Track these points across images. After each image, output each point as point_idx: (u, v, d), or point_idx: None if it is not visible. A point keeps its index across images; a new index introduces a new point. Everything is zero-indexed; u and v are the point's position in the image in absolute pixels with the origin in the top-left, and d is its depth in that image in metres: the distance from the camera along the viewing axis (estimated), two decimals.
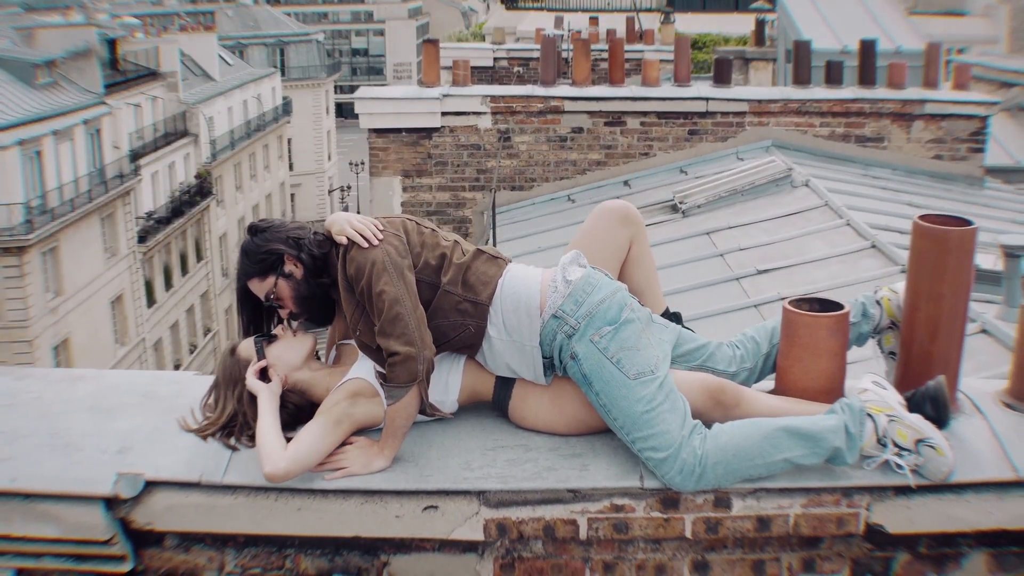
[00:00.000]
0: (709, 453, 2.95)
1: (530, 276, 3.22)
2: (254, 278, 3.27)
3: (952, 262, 3.08)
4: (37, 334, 29.28)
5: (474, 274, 3.21)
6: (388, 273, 3.07)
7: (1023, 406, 3.23)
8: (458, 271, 3.20)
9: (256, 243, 3.25)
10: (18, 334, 28.85)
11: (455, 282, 3.18)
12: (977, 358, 6.16)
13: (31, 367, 4.40)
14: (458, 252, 3.25)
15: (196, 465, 3.08)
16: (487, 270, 3.23)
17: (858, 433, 2.95)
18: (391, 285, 3.05)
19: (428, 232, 3.28)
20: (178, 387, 3.53)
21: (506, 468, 3.08)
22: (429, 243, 3.23)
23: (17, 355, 28.77)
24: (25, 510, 3.02)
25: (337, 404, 3.10)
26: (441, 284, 3.18)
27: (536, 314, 3.13)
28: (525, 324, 3.14)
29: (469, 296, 3.18)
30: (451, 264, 3.21)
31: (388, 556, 3.15)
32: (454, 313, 3.18)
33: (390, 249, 3.12)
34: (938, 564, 3.14)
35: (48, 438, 3.16)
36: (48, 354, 29.96)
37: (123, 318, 35.09)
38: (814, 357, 3.19)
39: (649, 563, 3.14)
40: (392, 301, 3.03)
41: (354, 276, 3.12)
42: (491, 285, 3.19)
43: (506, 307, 3.16)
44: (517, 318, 3.15)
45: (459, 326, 3.19)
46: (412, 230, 3.25)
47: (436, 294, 3.18)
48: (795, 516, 3.06)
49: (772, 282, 8.37)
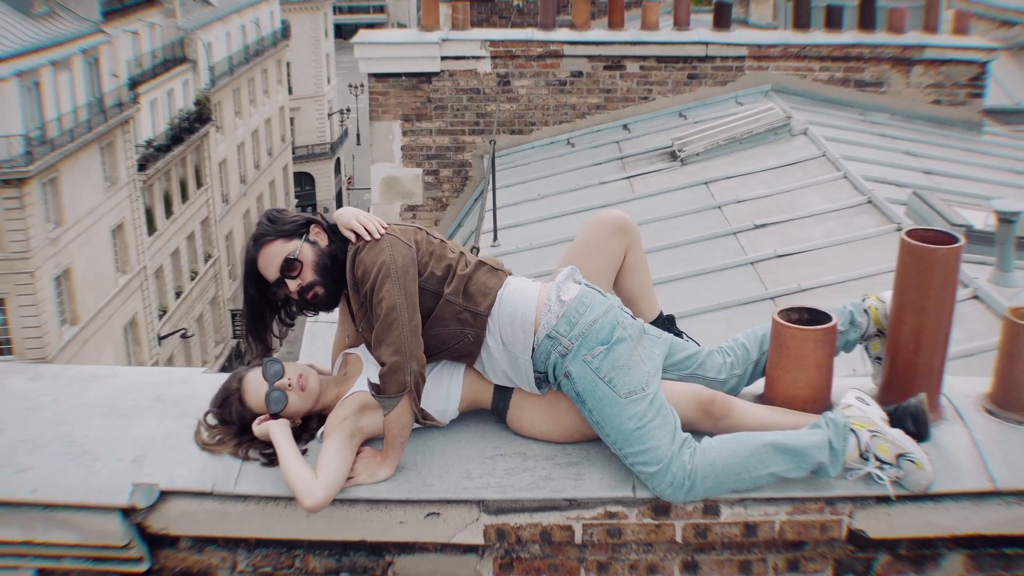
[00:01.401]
0: (698, 467, 3.08)
1: (528, 291, 3.33)
2: (278, 239, 3.32)
3: (937, 279, 3.19)
4: (39, 265, 29.40)
5: (475, 285, 3.32)
6: (392, 280, 3.16)
7: (1003, 413, 3.34)
8: (460, 282, 3.30)
9: (280, 213, 3.37)
10: (20, 265, 28.95)
11: (457, 292, 3.29)
12: (968, 326, 6.28)
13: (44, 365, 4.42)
14: (462, 264, 3.36)
15: (208, 474, 3.22)
16: (488, 281, 3.34)
17: (841, 448, 3.08)
18: (392, 293, 3.15)
19: (437, 243, 3.38)
20: (189, 388, 3.64)
21: (504, 477, 3.22)
22: (437, 253, 3.33)
23: (19, 286, 28.93)
24: (46, 518, 3.16)
25: (346, 419, 3.22)
26: (443, 294, 3.29)
27: (531, 329, 3.24)
28: (520, 338, 3.25)
29: (469, 306, 3.29)
30: (455, 275, 3.31)
31: (393, 556, 3.31)
32: (454, 322, 3.29)
33: (397, 256, 3.21)
34: (917, 564, 3.29)
35: (66, 446, 3.29)
36: (50, 285, 30.10)
37: (124, 247, 35.19)
38: (802, 368, 3.31)
39: (641, 563, 3.30)
40: (390, 308, 3.13)
41: (360, 278, 3.23)
42: (491, 297, 3.30)
43: (503, 319, 3.28)
44: (513, 331, 3.26)
45: (458, 335, 3.30)
46: (423, 240, 3.35)
47: (438, 303, 3.29)
48: (780, 523, 3.21)
49: (769, 238, 8.47)
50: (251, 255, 3.34)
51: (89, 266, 32.38)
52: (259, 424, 3.28)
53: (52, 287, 30.43)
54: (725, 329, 7.21)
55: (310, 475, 3.07)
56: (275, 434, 3.20)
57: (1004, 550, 3.26)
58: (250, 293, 3.38)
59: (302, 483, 3.04)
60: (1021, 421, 3.31)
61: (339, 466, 3.12)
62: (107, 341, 33.75)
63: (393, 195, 12.98)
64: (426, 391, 3.24)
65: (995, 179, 10.03)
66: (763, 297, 7.48)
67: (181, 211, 40.51)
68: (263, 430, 3.25)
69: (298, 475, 3.06)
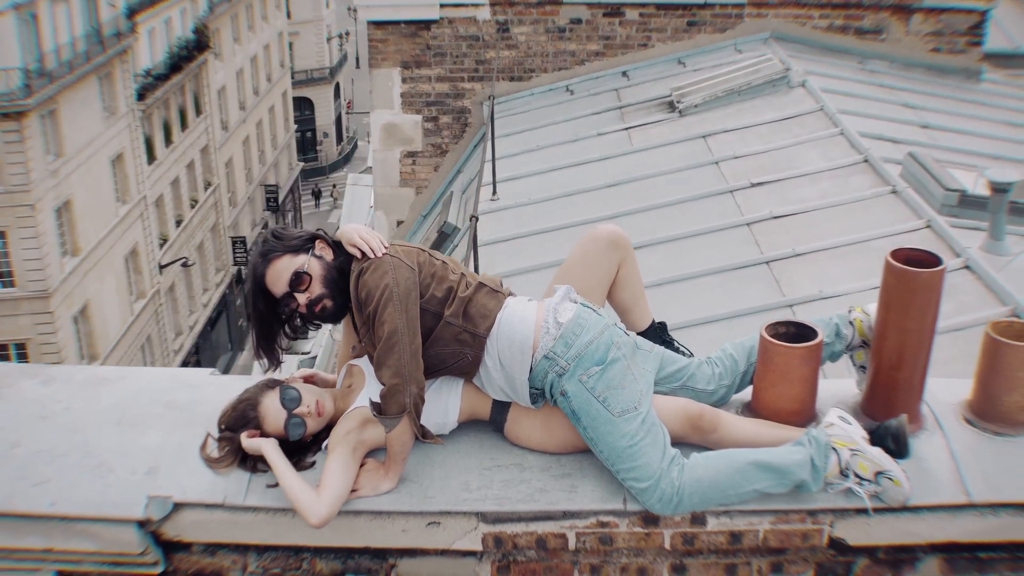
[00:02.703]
0: (686, 484, 3.23)
1: (527, 313, 3.44)
2: (286, 255, 3.42)
3: (919, 300, 3.30)
4: (39, 197, 29.45)
5: (475, 307, 3.43)
6: (394, 304, 3.27)
7: (982, 424, 3.48)
8: (460, 304, 3.41)
9: (285, 232, 3.47)
10: (20, 198, 29.01)
11: (457, 314, 3.41)
12: (959, 297, 6.41)
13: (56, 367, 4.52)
14: (463, 286, 3.47)
15: (219, 486, 3.36)
16: (487, 303, 3.45)
17: (823, 465, 3.23)
18: (394, 317, 3.26)
19: (439, 265, 3.48)
20: (197, 393, 3.77)
21: (502, 490, 3.37)
22: (439, 275, 3.44)
23: (20, 219, 29.03)
24: (65, 528, 3.32)
25: (350, 432, 3.35)
26: (444, 315, 3.40)
27: (529, 352, 3.37)
28: (518, 360, 3.38)
29: (469, 327, 3.41)
30: (456, 297, 3.42)
31: (396, 559, 3.47)
32: (454, 343, 3.42)
33: (400, 279, 3.32)
34: (895, 567, 3.45)
35: (82, 457, 3.43)
36: (50, 217, 30.19)
37: (124, 176, 35.20)
38: (787, 383, 3.44)
39: (632, 566, 3.46)
40: (391, 332, 3.24)
41: (364, 300, 3.34)
42: (490, 319, 3.42)
43: (502, 342, 3.40)
44: (511, 352, 3.39)
45: (458, 354, 3.43)
46: (425, 263, 3.45)
47: (438, 324, 3.40)
48: (764, 531, 3.36)
49: (765, 198, 8.57)
50: (260, 271, 3.44)
51: (89, 197, 32.43)
52: (248, 438, 3.39)
53: (53, 219, 30.51)
54: (720, 295, 7.36)
55: (311, 493, 3.20)
56: (268, 454, 3.32)
57: (978, 555, 3.41)
58: (259, 308, 3.48)
59: (305, 502, 3.18)
60: (998, 432, 3.45)
61: (342, 480, 3.26)
62: (108, 271, 33.93)
63: (393, 142, 13.03)
64: (426, 405, 3.36)
65: (992, 133, 10.09)
66: (758, 261, 7.61)
67: (180, 139, 40.43)
68: (255, 446, 3.37)
69: (299, 495, 3.19)
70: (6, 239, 29.57)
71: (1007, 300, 6.18)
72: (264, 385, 3.50)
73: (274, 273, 3.43)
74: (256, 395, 3.47)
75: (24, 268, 29.79)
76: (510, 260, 8.68)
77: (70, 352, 31.29)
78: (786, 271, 7.33)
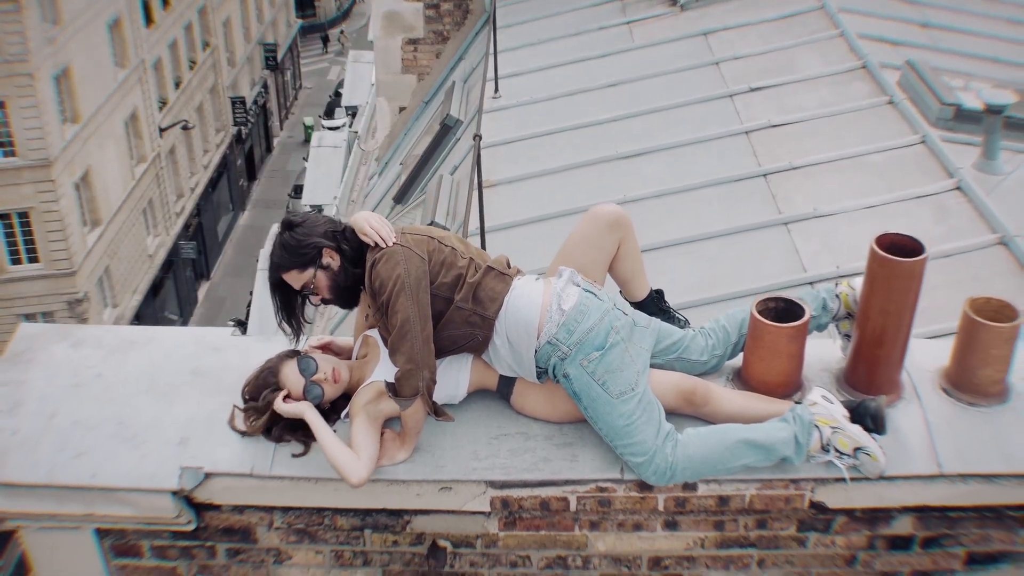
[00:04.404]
0: (679, 460, 3.50)
1: (533, 296, 3.65)
2: (293, 270, 3.67)
3: (900, 285, 3.51)
4: (38, 66, 29.20)
5: (484, 291, 3.65)
6: (406, 293, 3.50)
7: (956, 393, 3.72)
8: (470, 289, 3.63)
9: (295, 237, 3.64)
10: (19, 67, 28.71)
11: (467, 299, 3.62)
12: (949, 222, 6.60)
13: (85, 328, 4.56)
14: (472, 270, 3.67)
15: (247, 456, 3.63)
16: (496, 287, 3.66)
17: (805, 443, 3.49)
18: (406, 306, 3.48)
19: (448, 252, 3.67)
20: (221, 357, 4.01)
21: (508, 459, 3.64)
22: (448, 263, 3.64)
23: (19, 88, 28.83)
24: (104, 496, 3.59)
25: (368, 404, 3.60)
26: (455, 300, 3.62)
27: (534, 334, 3.59)
28: (524, 340, 3.61)
29: (478, 310, 3.63)
30: (465, 283, 3.63)
31: (410, 516, 3.76)
32: (465, 325, 3.64)
33: (412, 269, 3.53)
34: (871, 523, 3.75)
35: (116, 428, 3.69)
36: (49, 85, 29.95)
37: (122, 41, 34.80)
38: (775, 358, 3.68)
39: (628, 522, 3.75)
40: (404, 321, 3.48)
41: (377, 289, 3.56)
42: (498, 301, 3.64)
43: (510, 323, 3.62)
44: (518, 333, 3.61)
45: (468, 335, 3.66)
46: (435, 251, 3.65)
47: (449, 308, 3.62)
48: (750, 496, 3.64)
49: (764, 105, 8.67)
50: (274, 277, 3.73)
51: (88, 63, 32.14)
52: (286, 403, 3.65)
53: (52, 87, 30.31)
54: (718, 208, 7.54)
55: (351, 454, 3.50)
56: (308, 417, 3.58)
57: (948, 514, 3.70)
58: (277, 291, 3.74)
59: (347, 463, 3.47)
60: (972, 403, 3.70)
61: (372, 446, 3.55)
62: (109, 137, 33.85)
63: (394, 29, 13.00)
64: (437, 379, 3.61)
65: (993, 32, 10.11)
66: (756, 174, 7.76)
67: (178, 1, 39.81)
68: (294, 410, 3.62)
69: (341, 455, 3.49)
70: (6, 109, 29.40)
71: (996, 227, 6.36)
72: (284, 355, 3.75)
73: (288, 279, 3.71)
74: (277, 364, 3.73)
75: (25, 137, 29.71)
76: (512, 166, 8.83)
77: (73, 220, 31.46)
78: (782, 186, 7.50)
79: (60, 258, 31.38)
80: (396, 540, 3.80)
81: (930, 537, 3.76)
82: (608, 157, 8.52)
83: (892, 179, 7.17)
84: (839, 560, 3.82)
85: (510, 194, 8.47)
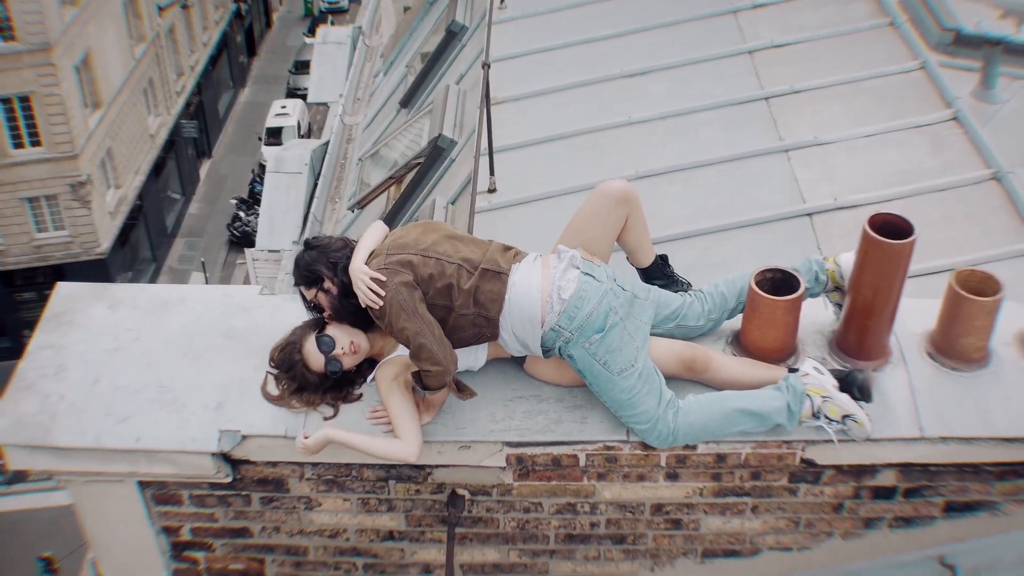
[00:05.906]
0: (680, 426, 3.78)
1: (531, 289, 3.85)
2: (301, 285, 3.99)
3: (889, 266, 3.74)
4: None
5: (483, 294, 3.85)
6: (405, 312, 3.74)
7: (940, 358, 3.99)
8: (468, 295, 3.84)
9: (306, 259, 3.93)
10: None
11: (467, 304, 3.84)
12: (945, 154, 6.78)
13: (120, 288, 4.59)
14: (463, 276, 3.85)
15: (280, 420, 3.90)
16: (493, 288, 3.86)
17: (797, 410, 3.77)
18: (409, 322, 3.73)
19: (433, 262, 3.85)
20: (249, 318, 4.27)
21: (523, 420, 3.92)
22: (435, 274, 3.83)
23: None
24: (148, 457, 3.89)
25: (399, 375, 3.87)
26: (454, 308, 3.84)
27: (538, 325, 3.83)
28: (529, 332, 3.86)
29: (482, 313, 3.86)
30: (460, 291, 3.83)
31: (432, 468, 4.07)
32: (471, 327, 3.88)
33: (402, 290, 3.76)
34: (857, 476, 4.05)
35: (157, 393, 3.96)
36: None
37: None
38: (771, 327, 3.93)
39: (632, 474, 4.06)
40: (414, 335, 3.73)
41: (377, 315, 3.83)
42: (499, 302, 3.85)
43: (514, 320, 3.86)
44: (523, 327, 3.86)
45: (478, 335, 3.92)
46: (418, 264, 3.83)
47: (451, 315, 3.85)
48: (746, 454, 3.94)
49: (766, 24, 8.74)
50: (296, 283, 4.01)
51: None
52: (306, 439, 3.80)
53: None
54: (720, 134, 7.70)
55: (394, 442, 3.78)
56: (342, 439, 3.79)
57: (929, 468, 4.00)
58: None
59: (396, 452, 3.77)
60: (955, 368, 3.96)
61: (411, 415, 3.83)
62: (108, 18, 33.56)
63: None
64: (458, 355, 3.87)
65: None
66: (757, 97, 7.90)
67: None
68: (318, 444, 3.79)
69: (387, 450, 3.79)
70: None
71: (991, 162, 6.53)
72: (308, 328, 4.00)
73: (300, 289, 4.01)
74: (300, 338, 3.97)
75: (24, 21, 29.47)
76: (519, 83, 8.94)
77: (74, 103, 31.39)
78: (783, 110, 7.64)
79: (62, 141, 31.40)
80: (419, 489, 4.11)
81: (912, 488, 4.06)
82: (612, 75, 8.63)
83: (891, 106, 7.32)
84: (827, 507, 4.14)
85: (516, 112, 8.61)
